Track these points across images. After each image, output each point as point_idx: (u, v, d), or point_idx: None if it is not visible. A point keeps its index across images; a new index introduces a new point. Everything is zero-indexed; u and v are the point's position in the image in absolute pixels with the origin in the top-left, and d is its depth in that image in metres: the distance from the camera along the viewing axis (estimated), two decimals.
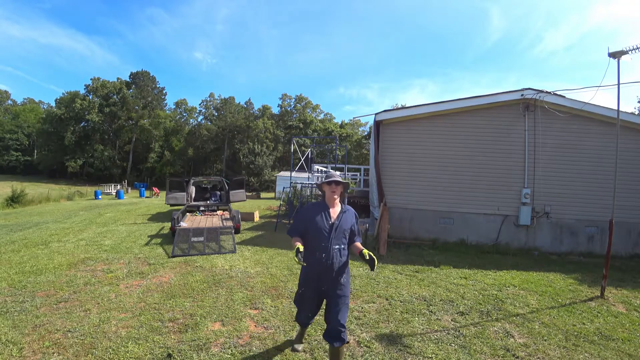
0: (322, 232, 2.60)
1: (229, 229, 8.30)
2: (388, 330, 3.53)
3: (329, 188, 2.70)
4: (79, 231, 9.01)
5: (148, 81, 57.88)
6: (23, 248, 6.90)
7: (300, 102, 60.15)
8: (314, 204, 2.82)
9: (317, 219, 2.64)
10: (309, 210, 2.77)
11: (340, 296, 2.61)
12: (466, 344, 3.27)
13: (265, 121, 55.16)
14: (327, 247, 2.58)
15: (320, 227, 2.61)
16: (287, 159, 47.07)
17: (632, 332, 3.69)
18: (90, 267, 5.60)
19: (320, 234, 2.60)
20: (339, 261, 2.62)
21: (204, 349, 3.05)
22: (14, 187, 20.28)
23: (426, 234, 8.35)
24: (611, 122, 7.38)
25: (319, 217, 2.65)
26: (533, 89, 7.88)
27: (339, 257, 2.62)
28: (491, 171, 8.20)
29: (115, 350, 2.97)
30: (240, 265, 5.86)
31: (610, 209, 5.03)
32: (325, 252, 2.58)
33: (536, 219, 8.00)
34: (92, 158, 51.36)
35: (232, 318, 3.72)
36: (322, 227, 2.61)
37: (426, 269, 6.01)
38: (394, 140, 8.61)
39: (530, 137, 8.05)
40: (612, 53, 4.77)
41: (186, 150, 55.47)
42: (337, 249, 2.61)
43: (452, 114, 8.44)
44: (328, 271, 2.60)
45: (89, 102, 51.41)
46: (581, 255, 7.70)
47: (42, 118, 54.88)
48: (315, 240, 2.60)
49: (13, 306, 3.90)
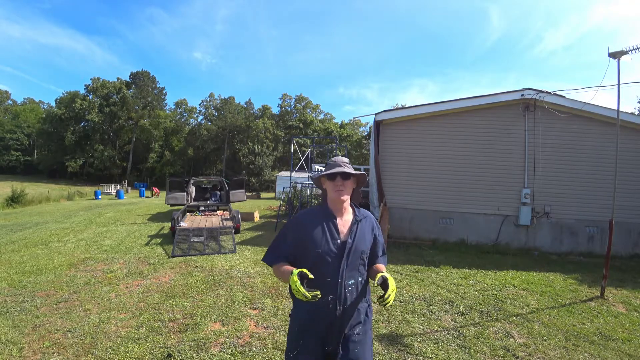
0: (325, 258, 1.57)
1: (229, 229, 8.30)
2: (388, 330, 3.53)
3: (332, 185, 1.64)
4: (79, 231, 9.01)
5: (148, 81, 57.89)
6: (23, 248, 6.90)
7: (300, 102, 60.17)
8: (309, 212, 1.74)
9: (316, 237, 1.59)
10: (302, 223, 1.67)
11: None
12: (466, 344, 3.27)
13: (265, 121, 55.18)
14: (336, 284, 1.55)
15: (322, 250, 1.58)
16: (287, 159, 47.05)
17: (632, 332, 3.69)
18: (90, 267, 5.60)
19: (323, 261, 1.57)
20: (356, 305, 1.61)
21: (204, 349, 3.04)
22: (14, 187, 20.29)
23: (426, 234, 8.35)
24: (611, 122, 7.38)
25: (319, 233, 1.60)
26: (533, 89, 7.88)
27: (355, 297, 1.60)
28: (491, 171, 8.21)
29: (115, 350, 2.97)
30: (240, 265, 5.86)
31: (610, 209, 5.03)
32: (333, 293, 1.54)
33: (536, 219, 8.00)
34: (92, 158, 51.38)
35: (232, 318, 3.72)
36: (325, 251, 1.58)
37: (426, 269, 6.01)
38: (394, 140, 8.61)
39: (530, 137, 8.05)
40: (612, 53, 4.77)
41: (186, 150, 55.49)
42: (352, 284, 1.59)
43: (452, 114, 8.44)
44: (336, 323, 1.57)
45: (89, 102, 51.44)
46: (581, 255, 7.70)
47: (42, 118, 54.92)
48: (315, 271, 1.49)
49: (13, 306, 3.90)
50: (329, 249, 1.58)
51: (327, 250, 1.57)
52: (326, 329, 1.57)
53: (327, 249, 1.58)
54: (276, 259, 1.67)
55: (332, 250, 1.58)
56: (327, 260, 1.56)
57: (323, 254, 1.57)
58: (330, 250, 1.58)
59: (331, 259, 1.57)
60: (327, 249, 1.58)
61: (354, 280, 1.60)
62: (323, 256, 1.57)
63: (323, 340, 1.59)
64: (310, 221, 1.65)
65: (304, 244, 1.61)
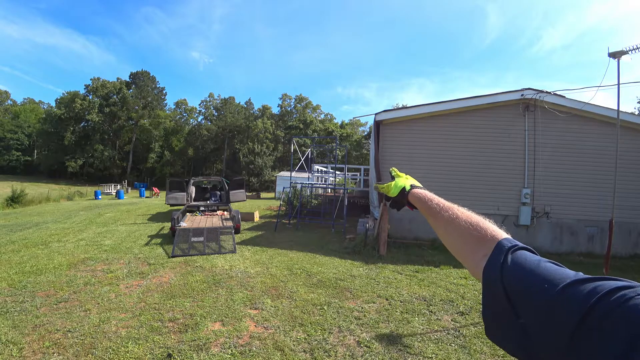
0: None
1: (229, 229, 8.30)
2: (388, 330, 3.53)
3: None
4: (79, 231, 9.01)
5: (148, 81, 57.87)
6: (23, 248, 6.90)
7: (300, 102, 60.16)
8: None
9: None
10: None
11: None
12: (466, 344, 3.27)
13: (265, 121, 55.17)
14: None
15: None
16: (287, 159, 47.06)
17: None
18: (90, 267, 5.60)
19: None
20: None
21: (204, 349, 3.04)
22: (14, 187, 20.27)
23: (426, 234, 8.34)
24: (611, 122, 7.38)
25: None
26: (533, 89, 7.88)
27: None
28: (491, 171, 8.20)
29: (115, 350, 2.97)
30: (240, 265, 5.86)
31: (610, 209, 5.03)
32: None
33: (536, 219, 8.00)
34: (92, 158, 51.37)
35: (232, 318, 3.72)
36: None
37: (426, 269, 6.01)
38: (394, 140, 8.61)
39: (530, 137, 8.05)
40: (612, 53, 4.77)
41: (186, 150, 55.49)
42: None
43: (452, 114, 8.44)
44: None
45: (89, 102, 51.42)
46: (581, 255, 7.70)
47: (42, 118, 54.91)
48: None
49: (13, 306, 3.90)
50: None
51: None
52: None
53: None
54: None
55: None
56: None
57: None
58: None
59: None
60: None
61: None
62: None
63: None
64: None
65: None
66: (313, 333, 3.36)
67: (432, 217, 0.80)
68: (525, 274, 0.52)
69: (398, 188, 1.00)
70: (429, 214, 0.82)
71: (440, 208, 0.77)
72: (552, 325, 0.45)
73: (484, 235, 0.64)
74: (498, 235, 0.63)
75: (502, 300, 0.52)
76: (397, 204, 1.02)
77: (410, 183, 0.99)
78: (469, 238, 0.66)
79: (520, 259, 0.55)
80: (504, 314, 0.52)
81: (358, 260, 6.52)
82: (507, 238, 0.62)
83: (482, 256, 0.60)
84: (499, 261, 0.56)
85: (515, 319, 0.50)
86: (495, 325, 0.57)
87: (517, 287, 0.51)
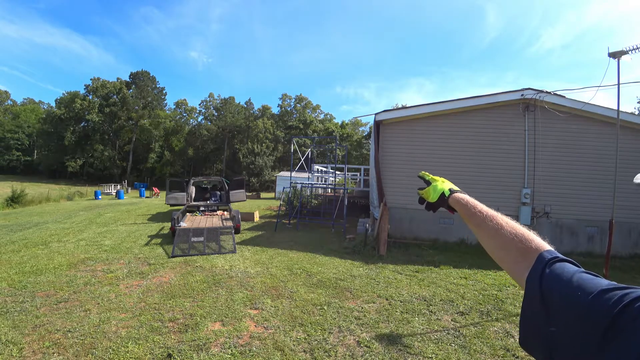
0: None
1: (229, 229, 8.30)
2: (388, 330, 3.53)
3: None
4: (79, 231, 9.01)
5: (148, 81, 57.88)
6: (23, 248, 6.90)
7: (300, 102, 60.15)
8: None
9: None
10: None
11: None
12: (466, 344, 3.27)
13: (265, 121, 55.16)
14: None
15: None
16: (287, 159, 47.03)
17: None
18: (90, 267, 5.60)
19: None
20: None
21: (204, 349, 3.04)
22: (14, 187, 20.28)
23: (426, 234, 8.34)
24: (611, 122, 7.38)
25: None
26: (533, 89, 7.88)
27: None
28: (491, 171, 8.20)
29: (115, 350, 2.97)
30: (240, 265, 5.86)
31: (610, 209, 5.03)
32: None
33: (536, 219, 8.00)
34: (92, 158, 51.38)
35: (232, 318, 3.72)
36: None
37: (426, 269, 6.01)
38: (394, 140, 8.61)
39: (530, 137, 8.05)
40: (612, 53, 4.77)
41: (186, 150, 55.47)
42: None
43: (452, 113, 8.44)
44: None
45: (89, 102, 51.42)
46: (581, 256, 7.69)
47: (42, 118, 54.89)
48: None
49: (13, 306, 3.90)
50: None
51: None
52: None
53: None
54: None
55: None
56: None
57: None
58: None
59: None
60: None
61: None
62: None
63: None
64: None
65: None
66: (313, 333, 3.36)
67: (474, 224, 0.82)
68: (561, 285, 0.54)
69: (438, 192, 1.01)
70: (472, 220, 0.83)
71: (485, 216, 0.78)
72: (583, 329, 0.47)
73: (528, 247, 0.66)
74: (541, 247, 0.66)
75: (538, 310, 0.55)
76: (432, 206, 1.04)
77: (448, 187, 1.01)
78: (513, 249, 0.68)
79: (558, 270, 0.58)
80: (539, 323, 0.55)
81: (358, 260, 6.52)
82: (549, 250, 0.65)
83: (525, 267, 0.63)
84: (539, 273, 0.59)
85: (547, 327, 0.52)
86: (531, 334, 0.59)
87: (553, 297, 0.54)
